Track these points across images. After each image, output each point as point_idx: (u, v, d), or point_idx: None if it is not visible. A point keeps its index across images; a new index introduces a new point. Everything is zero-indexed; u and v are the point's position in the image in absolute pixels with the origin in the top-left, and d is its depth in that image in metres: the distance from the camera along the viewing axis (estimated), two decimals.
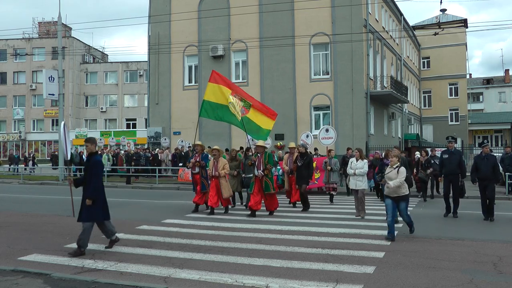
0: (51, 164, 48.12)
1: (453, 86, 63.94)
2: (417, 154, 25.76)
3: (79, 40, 77.66)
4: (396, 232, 12.17)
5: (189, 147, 31.51)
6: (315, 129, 34.91)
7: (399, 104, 47.29)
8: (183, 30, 39.59)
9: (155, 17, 40.44)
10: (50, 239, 11.96)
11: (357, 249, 10.54)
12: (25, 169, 41.25)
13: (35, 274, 8.55)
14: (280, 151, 25.94)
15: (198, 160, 17.38)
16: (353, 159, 16.23)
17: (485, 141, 19.48)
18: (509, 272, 8.80)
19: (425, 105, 65.15)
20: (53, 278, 8.34)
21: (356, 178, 15.88)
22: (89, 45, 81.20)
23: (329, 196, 21.13)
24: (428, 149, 25.76)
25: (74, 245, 11.11)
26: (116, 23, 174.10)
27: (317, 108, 36.70)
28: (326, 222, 14.46)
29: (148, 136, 41.61)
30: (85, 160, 12.48)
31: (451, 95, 64.05)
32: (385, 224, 12.81)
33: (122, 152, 36.31)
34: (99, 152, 27.66)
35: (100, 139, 45.63)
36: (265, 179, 16.27)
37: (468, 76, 70.30)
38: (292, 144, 19.42)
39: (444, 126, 62.05)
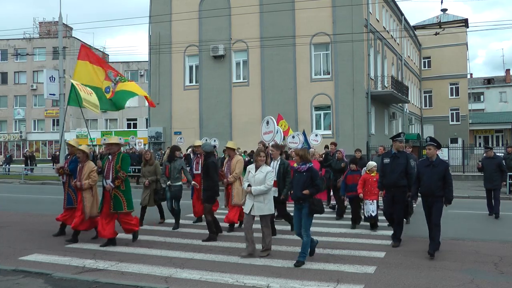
0: (51, 164, 48.19)
1: (454, 86, 63.89)
2: None
3: (80, 40, 77.60)
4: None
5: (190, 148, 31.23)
6: (316, 129, 34.92)
7: (400, 104, 47.27)
8: (184, 30, 39.57)
9: (156, 17, 40.42)
10: (51, 239, 11.97)
11: (358, 249, 10.56)
12: (25, 169, 41.20)
13: (36, 274, 8.57)
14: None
15: (63, 166, 12.84)
16: (252, 167, 10.54)
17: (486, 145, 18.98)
18: (510, 272, 8.83)
19: (426, 105, 65.11)
20: (54, 278, 8.36)
21: (255, 198, 10.18)
22: (90, 45, 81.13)
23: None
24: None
25: (75, 245, 11.14)
26: (117, 23, 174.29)
27: (317, 108, 36.68)
28: (327, 222, 14.47)
29: (149, 136, 41.60)
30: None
31: (451, 95, 64.01)
32: (386, 224, 12.86)
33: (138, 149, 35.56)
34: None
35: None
36: (114, 193, 11.25)
37: (469, 76, 70.30)
38: (230, 144, 13.37)
39: (445, 126, 62.05)
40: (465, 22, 58.97)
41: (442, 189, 10.34)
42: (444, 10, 64.01)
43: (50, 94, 30.40)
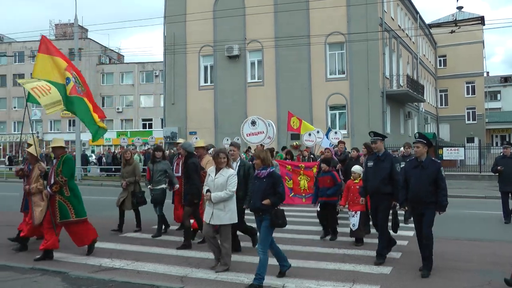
0: None
1: (470, 85, 63.40)
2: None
3: (95, 42, 78.05)
4: None
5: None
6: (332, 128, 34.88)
7: (416, 103, 47.08)
8: (199, 30, 39.61)
9: (171, 18, 40.50)
10: (67, 238, 12.04)
11: (374, 249, 10.49)
12: None
13: (53, 272, 8.66)
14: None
15: (23, 168, 11.52)
16: (212, 169, 9.39)
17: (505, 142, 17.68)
18: None
19: (441, 104, 64.70)
20: (71, 276, 8.45)
21: (214, 206, 9.02)
22: (105, 46, 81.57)
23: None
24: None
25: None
26: (132, 24, 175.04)
27: (333, 108, 36.60)
28: (342, 221, 14.42)
29: (164, 136, 41.72)
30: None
31: (468, 93, 63.54)
32: (403, 224, 12.76)
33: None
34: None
35: (124, 139, 46.04)
36: (58, 199, 10.11)
37: (485, 74, 69.78)
38: (200, 143, 12.62)
39: (461, 125, 61.58)
40: (481, 20, 58.46)
41: (434, 194, 8.86)
42: (460, 8, 63.47)
43: None
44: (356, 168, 11.76)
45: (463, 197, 22.23)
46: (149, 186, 12.83)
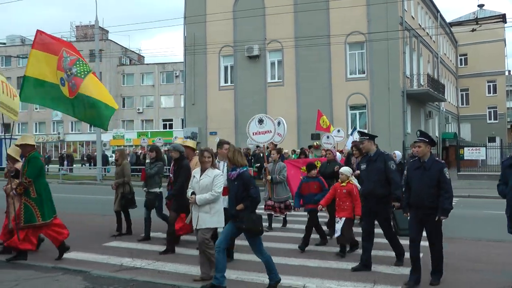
0: (88, 164, 48.97)
1: (491, 84, 62.80)
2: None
3: (116, 43, 78.56)
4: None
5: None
6: (351, 128, 34.76)
7: (436, 103, 46.77)
8: (219, 30, 39.69)
9: (191, 18, 40.63)
10: (88, 238, 12.15)
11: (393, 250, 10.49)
12: (59, 169, 41.88)
13: (75, 271, 8.74)
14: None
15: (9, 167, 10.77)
16: (197, 171, 8.73)
17: None
18: None
19: (462, 103, 64.15)
20: (92, 275, 8.52)
21: (200, 209, 8.35)
22: (125, 47, 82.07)
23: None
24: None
25: (112, 244, 11.28)
26: (152, 25, 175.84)
27: (353, 108, 36.49)
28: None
29: (184, 137, 41.86)
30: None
31: (489, 92, 62.95)
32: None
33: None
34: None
35: (144, 139, 46.40)
36: (24, 202, 9.68)
37: (507, 73, 69.07)
38: (189, 143, 11.97)
39: (483, 125, 61.01)
40: (503, 18, 57.85)
41: (437, 198, 8.04)
42: (481, 6, 62.97)
43: None
44: (344, 170, 10.48)
45: (484, 197, 22.06)
46: (144, 189, 12.13)
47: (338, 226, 10.06)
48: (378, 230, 12.66)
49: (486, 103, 62.54)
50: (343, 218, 10.01)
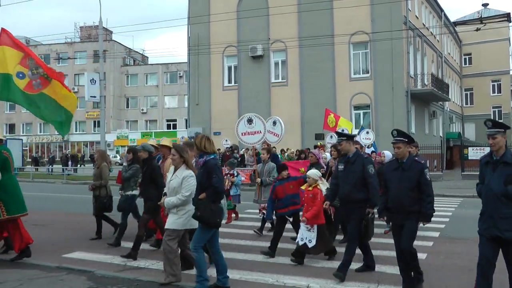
0: (92, 164, 49.11)
1: (495, 83, 62.68)
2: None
3: (119, 43, 78.65)
4: None
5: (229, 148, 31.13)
6: (355, 128, 34.68)
7: (440, 102, 46.69)
8: (222, 30, 39.72)
9: (195, 19, 40.65)
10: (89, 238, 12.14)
11: None
12: (63, 169, 42.00)
13: (79, 271, 8.75)
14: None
15: None
16: (171, 170, 8.27)
17: None
18: None
19: (466, 103, 64.07)
20: (96, 275, 8.53)
21: (170, 210, 7.94)
22: (129, 48, 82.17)
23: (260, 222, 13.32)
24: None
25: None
26: (156, 26, 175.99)
27: (357, 108, 36.48)
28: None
29: (188, 137, 41.84)
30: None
31: (493, 92, 62.83)
32: (429, 225, 12.59)
33: None
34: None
35: (153, 139, 46.38)
36: None
37: (511, 73, 68.90)
38: (165, 141, 11.16)
39: None
40: (507, 17, 57.75)
41: (417, 201, 7.46)
42: (485, 5, 62.81)
43: (91, 97, 30.80)
44: (312, 173, 9.67)
45: None
46: (120, 192, 11.62)
47: (311, 234, 9.30)
48: (378, 230, 12.67)
49: (490, 103, 62.40)
50: (315, 226, 9.29)
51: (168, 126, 76.03)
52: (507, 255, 6.66)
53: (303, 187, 9.91)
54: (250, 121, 14.76)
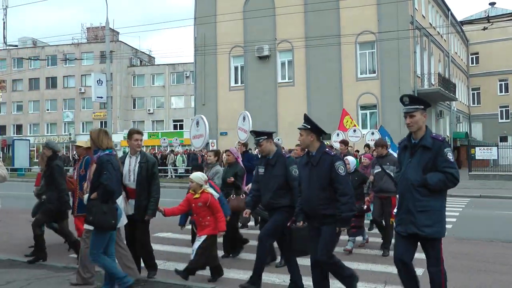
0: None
1: (503, 82, 62.37)
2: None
3: (126, 44, 78.73)
4: None
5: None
6: (362, 128, 34.60)
7: (447, 102, 46.58)
8: (229, 31, 39.76)
9: (201, 19, 40.72)
10: None
11: None
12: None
13: None
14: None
15: None
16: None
17: None
18: None
19: (474, 103, 63.81)
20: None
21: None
22: (136, 49, 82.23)
23: None
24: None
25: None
26: (163, 26, 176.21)
27: (363, 107, 36.44)
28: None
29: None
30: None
31: (501, 91, 62.54)
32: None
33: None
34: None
35: (164, 139, 46.65)
36: None
37: None
38: (80, 142, 9.58)
39: (494, 124, 60.60)
40: None
41: (331, 202, 6.25)
42: (492, 4, 62.61)
43: (97, 97, 30.89)
44: (195, 176, 7.92)
45: (496, 197, 21.96)
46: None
47: (195, 245, 8.00)
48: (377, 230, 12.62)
49: (497, 102, 62.13)
50: (203, 237, 7.83)
51: (175, 127, 76.03)
52: (427, 252, 6.01)
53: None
54: (197, 123, 13.83)
